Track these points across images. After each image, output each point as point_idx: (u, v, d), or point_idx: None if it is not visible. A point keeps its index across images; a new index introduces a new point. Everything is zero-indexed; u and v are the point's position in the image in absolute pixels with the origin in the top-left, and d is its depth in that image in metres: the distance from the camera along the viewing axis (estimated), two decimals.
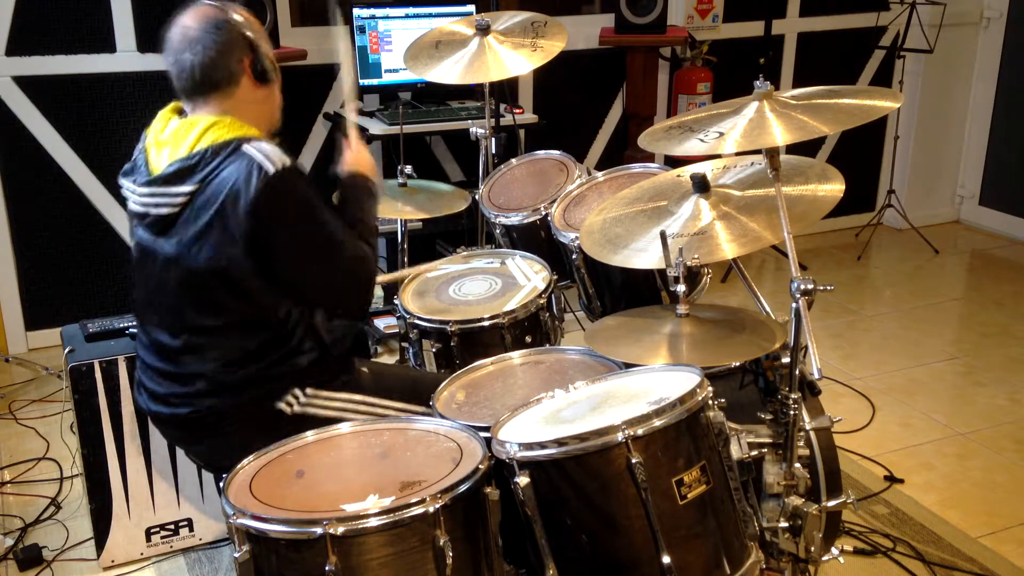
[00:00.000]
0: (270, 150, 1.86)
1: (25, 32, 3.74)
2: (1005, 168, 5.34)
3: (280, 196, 1.84)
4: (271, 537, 1.55)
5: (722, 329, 1.92)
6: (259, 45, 1.95)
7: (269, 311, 1.93)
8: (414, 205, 2.82)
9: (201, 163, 1.86)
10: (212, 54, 1.90)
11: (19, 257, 3.92)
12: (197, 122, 1.90)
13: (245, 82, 1.94)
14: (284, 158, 1.86)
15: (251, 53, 1.94)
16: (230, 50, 1.91)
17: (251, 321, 1.93)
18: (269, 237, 1.85)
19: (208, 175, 1.85)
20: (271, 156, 1.85)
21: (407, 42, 2.98)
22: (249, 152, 1.85)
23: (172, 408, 2.00)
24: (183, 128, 1.91)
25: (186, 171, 1.87)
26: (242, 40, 1.93)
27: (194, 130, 1.89)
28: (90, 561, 2.64)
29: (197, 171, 1.86)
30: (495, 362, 2.19)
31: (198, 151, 1.87)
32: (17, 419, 3.42)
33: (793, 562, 1.92)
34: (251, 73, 1.95)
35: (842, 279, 4.75)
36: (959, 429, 3.31)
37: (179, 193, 1.87)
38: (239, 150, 1.86)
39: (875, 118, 1.79)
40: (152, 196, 1.91)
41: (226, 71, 1.91)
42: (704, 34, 4.75)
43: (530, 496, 1.63)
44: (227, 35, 1.91)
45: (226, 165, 1.85)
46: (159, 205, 1.90)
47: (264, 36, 1.99)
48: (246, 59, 1.94)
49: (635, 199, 2.14)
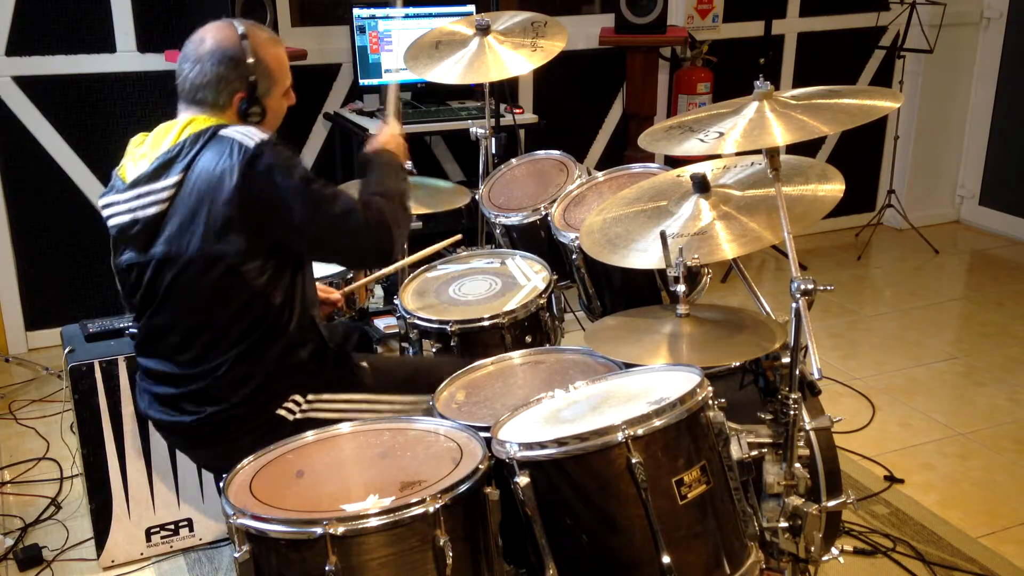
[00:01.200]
0: (247, 129, 1.90)
1: (25, 32, 3.74)
2: (1005, 168, 5.34)
3: (265, 163, 1.86)
4: (271, 537, 1.55)
5: (722, 329, 1.92)
6: (259, 86, 1.97)
7: (264, 298, 1.92)
8: (414, 201, 2.82)
9: (182, 152, 1.90)
10: (209, 78, 1.94)
11: (19, 257, 3.92)
12: (175, 123, 1.96)
13: (230, 114, 1.98)
14: (262, 133, 1.90)
15: (246, 92, 1.97)
16: (226, 83, 1.95)
17: (247, 311, 1.92)
18: (263, 204, 1.86)
19: (190, 162, 1.89)
20: (248, 133, 1.89)
21: (407, 42, 2.98)
22: (227, 134, 1.89)
23: (174, 415, 2.00)
24: (163, 131, 1.96)
25: (169, 163, 1.90)
26: (242, 80, 1.96)
27: (173, 129, 1.95)
28: (90, 561, 2.64)
29: (179, 160, 1.90)
30: (495, 362, 2.19)
31: (178, 143, 1.91)
32: (17, 419, 3.42)
33: (793, 562, 1.91)
34: (237, 109, 1.98)
35: (842, 279, 4.75)
36: (959, 429, 3.31)
37: (165, 187, 1.90)
38: (217, 135, 1.90)
39: (875, 118, 1.79)
40: (138, 197, 1.92)
41: (215, 98, 1.96)
42: (704, 34, 4.75)
43: (530, 496, 1.63)
44: (230, 71, 1.94)
45: (207, 149, 1.89)
46: (146, 205, 1.91)
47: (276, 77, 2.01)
48: (237, 96, 1.97)
49: (635, 199, 2.14)
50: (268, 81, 1.99)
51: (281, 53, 2.03)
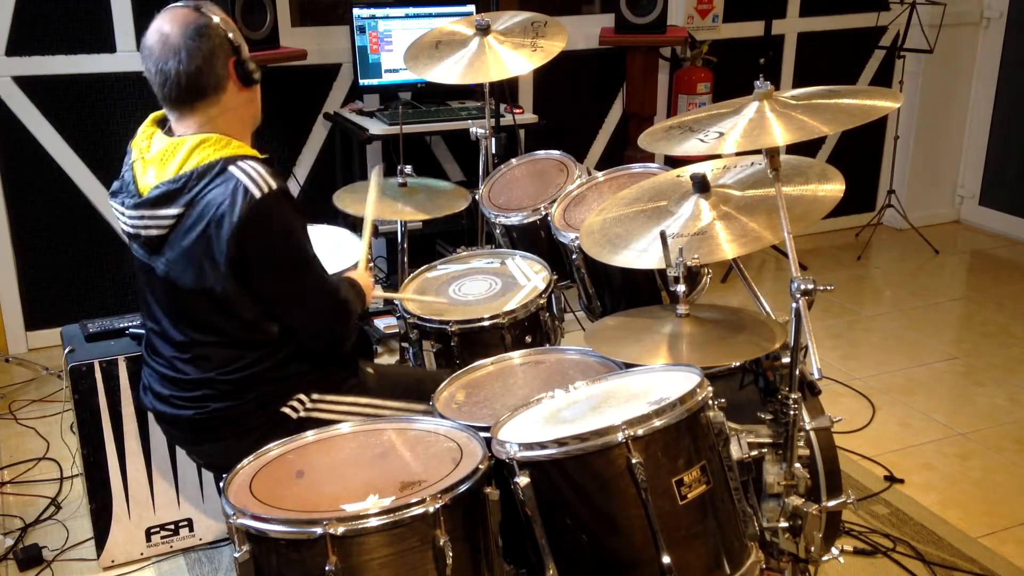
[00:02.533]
0: (256, 172, 1.82)
1: (25, 32, 3.74)
2: (1005, 168, 5.34)
3: (264, 220, 1.82)
4: (271, 537, 1.55)
5: (722, 329, 1.92)
6: (241, 45, 1.92)
7: (259, 329, 1.93)
8: (414, 205, 2.82)
9: (187, 186, 1.83)
10: (198, 62, 1.85)
11: (19, 257, 3.92)
12: (183, 143, 1.86)
13: (231, 87, 1.91)
14: (270, 181, 1.82)
15: (235, 55, 1.90)
16: (215, 55, 1.86)
17: (244, 337, 1.93)
18: (250, 260, 1.83)
19: (194, 198, 1.83)
20: (257, 179, 1.81)
21: (407, 42, 2.98)
22: (236, 174, 1.82)
23: (176, 410, 2.00)
24: (169, 149, 1.87)
25: (172, 194, 1.84)
26: (226, 43, 1.88)
27: (180, 151, 1.85)
28: (90, 561, 2.64)
29: (183, 194, 1.83)
30: (495, 362, 2.19)
31: (183, 174, 1.84)
32: (17, 419, 3.42)
33: (793, 562, 1.92)
34: (236, 76, 1.91)
35: (842, 279, 4.75)
36: (959, 429, 3.31)
37: (166, 216, 1.86)
38: (225, 171, 1.82)
39: (875, 118, 1.79)
40: (141, 219, 1.89)
41: (213, 77, 1.87)
42: (704, 34, 4.75)
43: (530, 496, 1.63)
44: (211, 40, 1.86)
45: (212, 187, 1.82)
46: (148, 227, 1.89)
47: (239, 33, 1.94)
48: (231, 63, 1.90)
49: (635, 199, 2.14)
50: (239, 36, 1.92)
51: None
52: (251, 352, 1.94)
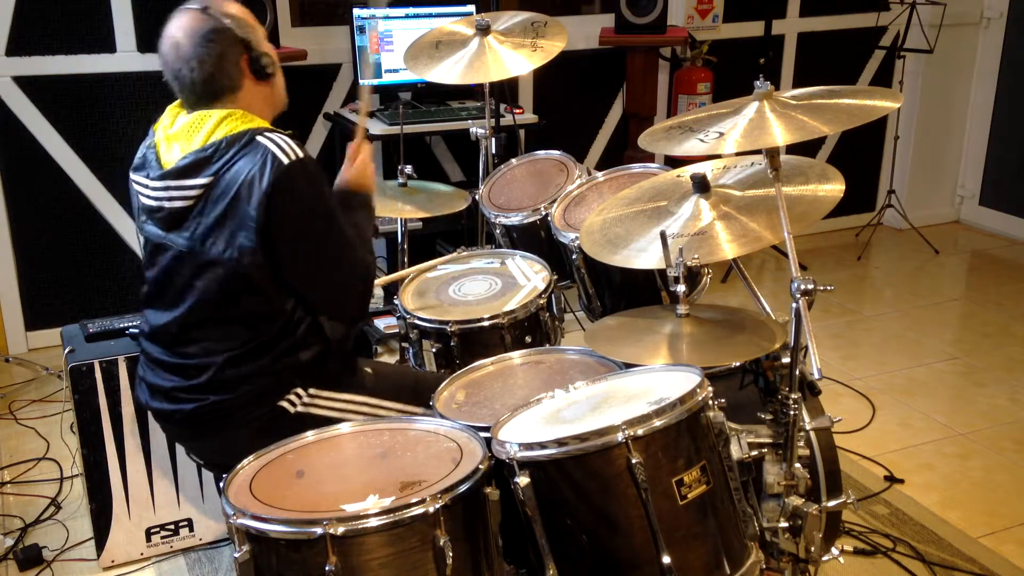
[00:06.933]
0: (284, 141, 1.86)
1: (25, 32, 3.74)
2: (1005, 168, 5.34)
3: (294, 187, 1.84)
4: (271, 537, 1.55)
5: (722, 329, 1.92)
6: (251, 40, 1.94)
7: (277, 305, 1.93)
8: (414, 205, 2.82)
9: (216, 154, 1.86)
10: (209, 68, 1.89)
11: (19, 257, 3.92)
12: (210, 115, 1.90)
13: (247, 83, 1.94)
14: (298, 150, 1.86)
15: (246, 52, 1.93)
16: (226, 58, 1.90)
17: (258, 315, 1.93)
18: (279, 229, 1.85)
19: (223, 167, 1.85)
20: (285, 147, 1.85)
21: (407, 42, 2.98)
22: (264, 143, 1.85)
23: (175, 404, 2.00)
24: (196, 121, 1.90)
25: (201, 162, 1.87)
26: (235, 42, 1.91)
27: (208, 122, 1.89)
28: (90, 561, 2.64)
29: (212, 162, 1.86)
30: (495, 362, 2.19)
31: (212, 142, 1.87)
32: (17, 419, 3.42)
33: (793, 562, 1.91)
34: (251, 73, 1.94)
35: (842, 279, 4.75)
36: (959, 429, 3.31)
37: (194, 186, 1.87)
38: (253, 141, 1.86)
39: (875, 118, 1.79)
40: (167, 190, 1.90)
41: (227, 79, 1.91)
42: (704, 34, 4.75)
43: (530, 496, 1.63)
44: (220, 45, 1.89)
45: (240, 156, 1.85)
46: (173, 199, 1.90)
47: (254, 26, 1.96)
48: (243, 61, 1.93)
49: (635, 199, 2.14)
50: (251, 30, 1.95)
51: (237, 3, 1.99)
52: (257, 333, 1.93)
